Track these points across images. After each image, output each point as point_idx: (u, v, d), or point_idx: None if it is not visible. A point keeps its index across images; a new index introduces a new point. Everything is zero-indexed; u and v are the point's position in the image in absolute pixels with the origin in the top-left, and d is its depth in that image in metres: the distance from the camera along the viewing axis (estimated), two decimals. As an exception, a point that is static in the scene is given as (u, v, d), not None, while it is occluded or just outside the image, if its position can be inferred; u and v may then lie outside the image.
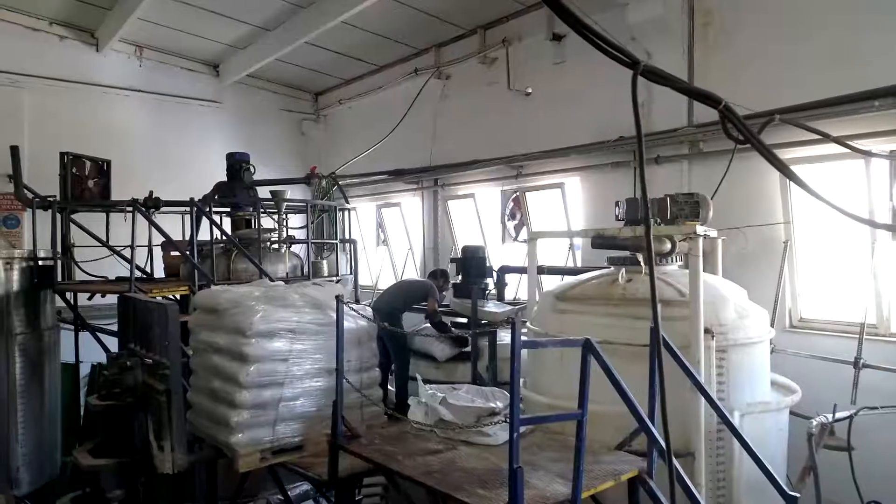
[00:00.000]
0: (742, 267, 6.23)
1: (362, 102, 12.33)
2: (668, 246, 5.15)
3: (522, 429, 3.63)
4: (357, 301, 9.22)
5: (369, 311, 5.74)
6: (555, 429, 5.00)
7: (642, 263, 5.05)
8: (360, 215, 12.10)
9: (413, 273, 10.98)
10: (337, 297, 4.74)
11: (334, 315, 5.16)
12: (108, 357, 5.04)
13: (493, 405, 4.88)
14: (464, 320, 7.39)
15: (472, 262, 7.37)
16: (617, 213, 5.61)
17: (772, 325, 5.44)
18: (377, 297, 7.41)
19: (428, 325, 7.58)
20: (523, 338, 4.43)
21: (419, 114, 10.51)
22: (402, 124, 10.66)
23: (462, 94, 10.07)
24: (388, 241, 12.18)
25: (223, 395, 5.08)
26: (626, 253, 5.41)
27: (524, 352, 6.84)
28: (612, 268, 5.62)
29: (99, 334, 7.78)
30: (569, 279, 5.75)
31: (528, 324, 5.88)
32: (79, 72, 10.84)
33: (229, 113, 12.59)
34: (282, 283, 6.06)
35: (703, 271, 5.68)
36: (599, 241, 5.19)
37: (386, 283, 11.80)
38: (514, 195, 9.27)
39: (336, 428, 4.63)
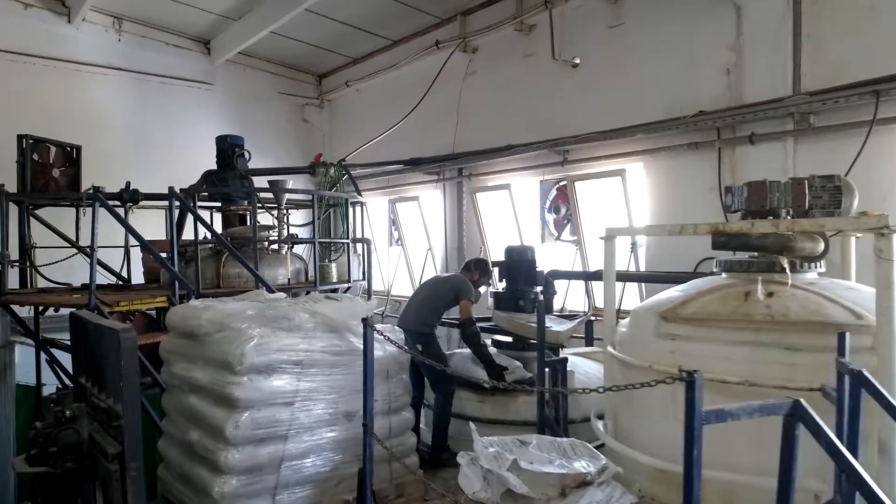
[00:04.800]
0: (868, 273, 4.80)
1: (373, 84, 10.93)
2: (822, 246, 3.77)
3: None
4: (371, 312, 7.82)
5: (401, 334, 4.31)
6: (650, 491, 3.68)
7: (788, 271, 3.65)
8: (371, 211, 10.66)
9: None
10: (364, 320, 3.31)
11: (354, 340, 3.79)
12: (44, 401, 3.64)
13: (580, 468, 3.51)
14: (507, 339, 5.92)
15: (520, 266, 5.88)
16: (731, 202, 4.18)
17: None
18: (401, 314, 5.80)
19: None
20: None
21: (441, 94, 9.15)
22: (420, 107, 9.32)
23: (493, 68, 8.66)
24: (403, 240, 10.71)
25: (203, 453, 3.72)
26: (743, 255, 4.05)
27: (589, 373, 5.48)
28: (724, 275, 4.22)
29: (62, 353, 6.44)
30: (669, 292, 4.31)
31: (610, 349, 4.47)
32: (47, 46, 9.43)
33: (222, 96, 11.24)
34: (284, 295, 4.64)
35: (828, 277, 4.35)
36: (723, 239, 3.78)
37: (399, 289, 10.41)
38: (558, 185, 7.82)
39: (364, 507, 3.24)
